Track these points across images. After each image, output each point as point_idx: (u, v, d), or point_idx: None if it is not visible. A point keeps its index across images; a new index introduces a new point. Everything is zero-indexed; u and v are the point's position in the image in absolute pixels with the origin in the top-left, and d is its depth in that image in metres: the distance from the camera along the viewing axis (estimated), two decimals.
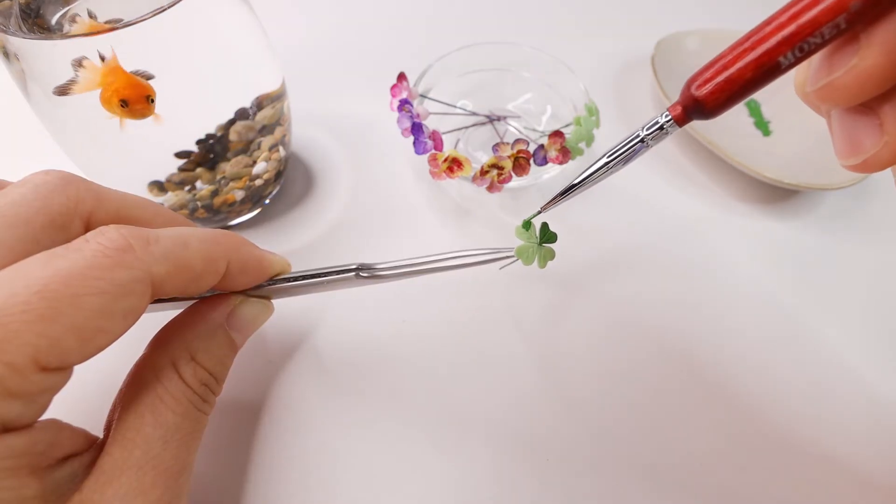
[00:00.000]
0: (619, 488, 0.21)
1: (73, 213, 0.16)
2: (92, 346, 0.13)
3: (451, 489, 0.21)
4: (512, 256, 0.20)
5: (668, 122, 0.16)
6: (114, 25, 0.18)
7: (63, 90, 0.19)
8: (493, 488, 0.21)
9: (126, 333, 0.15)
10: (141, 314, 0.15)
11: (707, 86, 0.14)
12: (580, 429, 0.22)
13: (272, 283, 0.20)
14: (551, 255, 0.21)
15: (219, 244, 0.17)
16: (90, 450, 0.15)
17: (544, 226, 0.20)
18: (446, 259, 0.20)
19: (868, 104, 0.14)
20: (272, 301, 0.21)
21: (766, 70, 0.13)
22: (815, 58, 0.14)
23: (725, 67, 0.14)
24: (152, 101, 0.20)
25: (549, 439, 0.22)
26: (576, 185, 0.18)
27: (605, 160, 0.17)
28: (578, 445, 0.22)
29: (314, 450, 0.22)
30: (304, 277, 0.20)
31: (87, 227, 0.17)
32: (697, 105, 0.15)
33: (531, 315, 0.26)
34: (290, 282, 0.20)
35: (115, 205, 0.18)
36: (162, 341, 0.17)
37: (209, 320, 0.18)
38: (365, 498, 0.21)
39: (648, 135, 0.16)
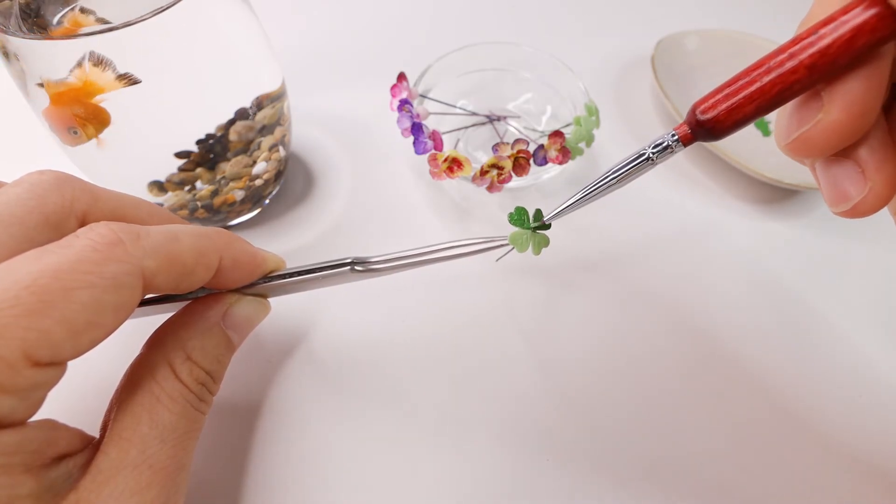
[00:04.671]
0: (620, 488, 0.21)
1: (67, 212, 0.16)
2: (84, 340, 0.13)
3: (451, 488, 0.21)
4: (506, 244, 0.20)
5: (674, 142, 0.16)
6: (106, 25, 0.18)
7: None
8: (492, 487, 0.21)
9: (125, 334, 0.15)
10: (132, 309, 0.15)
11: (713, 110, 0.15)
12: (582, 428, 0.22)
13: (267, 280, 0.20)
14: (545, 241, 0.20)
15: (210, 239, 0.17)
16: (86, 449, 0.15)
17: (538, 213, 0.20)
18: (440, 250, 0.20)
19: (846, 152, 0.14)
20: (269, 300, 0.20)
21: (770, 99, 0.14)
22: (785, 112, 0.15)
23: (734, 93, 0.14)
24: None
25: (551, 438, 0.22)
26: (581, 197, 0.18)
27: (611, 176, 0.17)
28: (580, 444, 0.22)
29: (313, 449, 0.21)
30: (299, 273, 0.20)
31: (82, 226, 0.17)
32: (702, 127, 0.15)
33: (531, 314, 0.26)
34: (284, 278, 0.20)
35: (110, 204, 0.18)
36: (158, 341, 0.17)
37: (205, 319, 0.18)
38: (364, 497, 0.21)
39: (654, 153, 0.17)
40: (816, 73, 0.13)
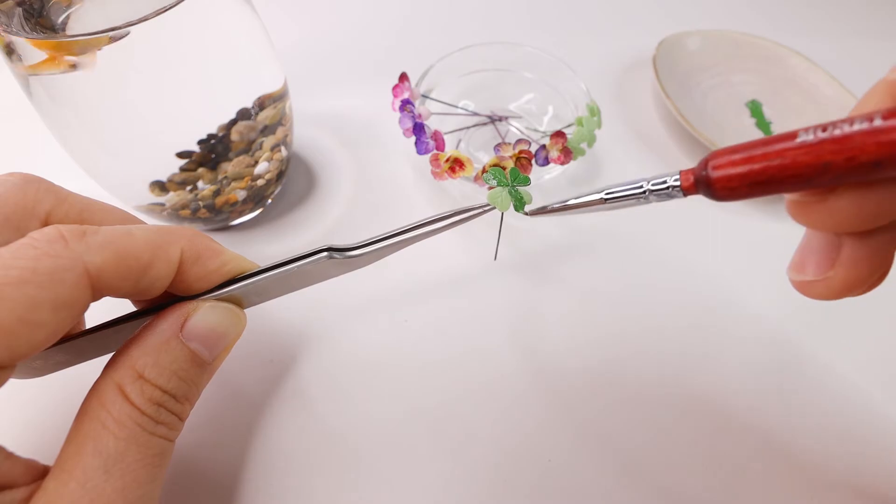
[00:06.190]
0: (621, 493, 0.21)
1: (29, 213, 0.16)
2: (20, 339, 0.12)
3: (453, 489, 0.21)
4: (486, 206, 0.19)
5: (675, 186, 0.15)
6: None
7: None
8: (493, 487, 0.21)
9: None
10: (78, 307, 0.14)
11: (728, 169, 0.13)
12: (582, 432, 0.23)
13: (237, 281, 0.18)
14: (527, 197, 0.20)
15: (170, 233, 0.16)
16: (33, 483, 0.14)
17: (514, 170, 0.20)
18: (419, 226, 0.19)
19: (839, 237, 0.14)
20: (244, 310, 0.19)
21: (797, 180, 0.12)
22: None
23: (751, 160, 0.12)
24: None
25: (551, 442, 0.22)
26: (567, 206, 0.18)
27: (602, 196, 0.17)
28: (580, 450, 0.22)
29: (314, 449, 0.22)
30: (272, 268, 0.18)
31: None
32: (709, 185, 0.13)
33: (529, 315, 0.26)
34: (257, 276, 0.18)
35: (76, 208, 0.17)
36: (111, 362, 0.16)
37: (158, 332, 0.16)
38: (365, 493, 0.21)
39: (652, 190, 0.15)
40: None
